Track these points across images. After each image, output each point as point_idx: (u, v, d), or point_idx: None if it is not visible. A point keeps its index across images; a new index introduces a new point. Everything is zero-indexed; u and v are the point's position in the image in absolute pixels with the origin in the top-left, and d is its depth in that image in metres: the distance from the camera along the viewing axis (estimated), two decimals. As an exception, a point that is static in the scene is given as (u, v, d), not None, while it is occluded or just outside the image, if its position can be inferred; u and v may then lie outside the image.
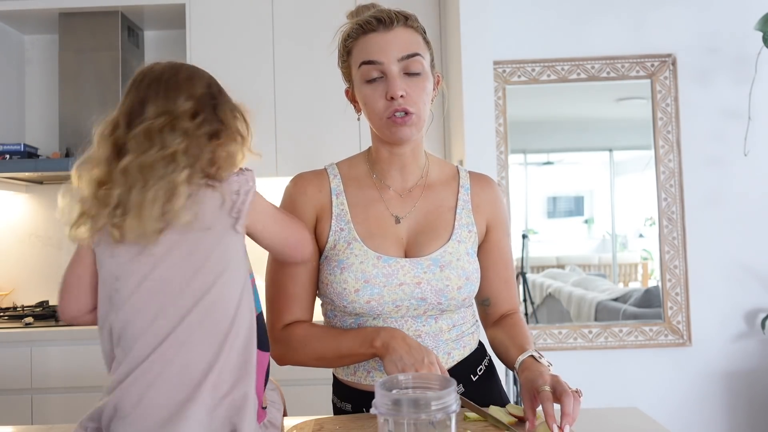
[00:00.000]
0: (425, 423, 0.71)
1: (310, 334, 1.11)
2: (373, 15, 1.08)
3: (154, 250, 0.87)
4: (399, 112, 1.06)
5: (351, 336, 1.06)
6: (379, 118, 1.08)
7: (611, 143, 2.88)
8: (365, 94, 1.08)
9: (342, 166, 1.20)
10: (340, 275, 1.08)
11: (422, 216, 1.14)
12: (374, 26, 1.07)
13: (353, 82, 1.12)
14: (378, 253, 1.09)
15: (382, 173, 1.17)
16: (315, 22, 2.58)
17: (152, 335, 0.85)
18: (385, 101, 1.06)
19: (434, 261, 1.09)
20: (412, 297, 1.08)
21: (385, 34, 1.06)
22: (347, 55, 1.11)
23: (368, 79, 1.07)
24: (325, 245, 1.13)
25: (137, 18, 2.80)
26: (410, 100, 1.06)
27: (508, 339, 1.12)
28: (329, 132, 2.58)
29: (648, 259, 2.87)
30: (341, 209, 1.14)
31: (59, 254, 2.85)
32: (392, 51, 1.05)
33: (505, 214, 1.22)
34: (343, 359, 1.08)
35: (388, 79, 1.06)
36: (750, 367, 2.72)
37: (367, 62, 1.06)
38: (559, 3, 2.77)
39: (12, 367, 2.29)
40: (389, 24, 1.06)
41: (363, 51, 1.08)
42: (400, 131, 1.07)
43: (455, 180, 1.20)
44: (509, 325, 1.16)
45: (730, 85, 2.74)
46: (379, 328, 1.06)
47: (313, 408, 1.31)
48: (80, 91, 2.65)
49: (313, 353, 1.10)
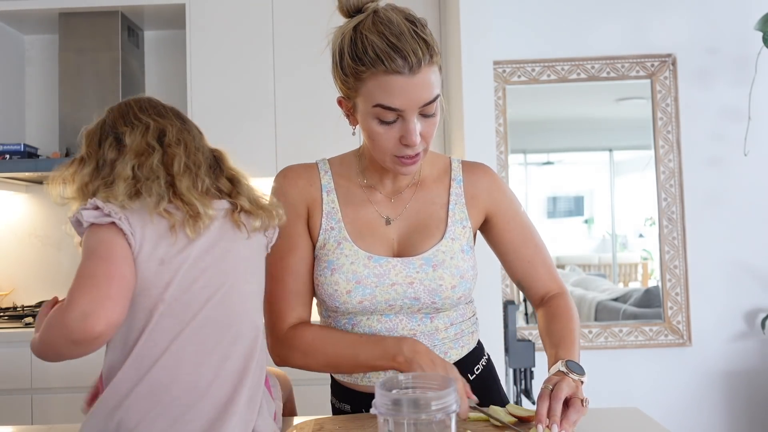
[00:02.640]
0: (425, 423, 0.71)
1: (322, 339, 1.06)
2: (398, 52, 0.93)
3: None
4: (410, 156, 1.01)
5: (370, 346, 1.02)
6: (386, 155, 1.02)
7: (611, 143, 2.88)
8: (375, 131, 1.00)
9: (333, 163, 1.17)
10: (330, 276, 1.05)
11: (414, 216, 1.12)
12: (399, 68, 0.93)
13: (356, 105, 1.02)
14: (369, 252, 1.07)
15: (372, 179, 1.14)
16: (315, 22, 2.57)
17: None
18: (397, 143, 0.99)
19: (427, 260, 1.07)
20: (405, 297, 1.06)
21: (410, 79, 0.94)
22: (355, 79, 0.97)
23: (383, 120, 0.98)
24: (315, 243, 1.11)
25: (137, 18, 2.80)
26: (423, 141, 1.00)
27: (546, 334, 1.09)
28: (329, 132, 2.56)
29: (648, 259, 2.87)
30: (332, 207, 1.11)
31: (59, 254, 2.85)
32: (416, 99, 0.95)
33: (507, 198, 1.18)
34: (359, 368, 1.04)
35: (405, 124, 0.97)
36: (750, 367, 2.72)
37: (387, 107, 0.96)
38: (559, 3, 2.77)
39: (12, 367, 2.29)
40: (416, 67, 0.94)
41: (381, 91, 0.95)
42: (407, 169, 1.03)
43: (447, 174, 1.16)
44: (548, 315, 1.12)
45: (730, 85, 2.74)
46: (400, 339, 1.02)
47: (313, 408, 1.31)
48: (80, 92, 2.65)
49: (324, 360, 1.06)
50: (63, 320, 0.76)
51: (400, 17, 0.96)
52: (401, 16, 0.97)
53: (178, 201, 0.89)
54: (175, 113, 1.02)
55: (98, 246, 0.82)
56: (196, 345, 0.87)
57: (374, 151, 1.04)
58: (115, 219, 0.83)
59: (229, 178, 1.01)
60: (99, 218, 0.84)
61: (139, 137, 0.92)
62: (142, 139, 0.92)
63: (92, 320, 0.74)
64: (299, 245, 1.11)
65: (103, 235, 0.83)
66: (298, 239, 1.11)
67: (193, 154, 0.96)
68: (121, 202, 0.86)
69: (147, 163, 0.91)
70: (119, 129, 0.95)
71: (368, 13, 0.98)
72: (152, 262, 0.85)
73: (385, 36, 0.94)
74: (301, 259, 1.11)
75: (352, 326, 1.10)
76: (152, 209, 0.87)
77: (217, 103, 2.58)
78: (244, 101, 2.59)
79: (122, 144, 0.93)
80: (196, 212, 0.89)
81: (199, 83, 2.59)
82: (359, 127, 1.05)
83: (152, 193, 0.88)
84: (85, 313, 0.74)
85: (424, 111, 0.98)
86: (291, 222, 1.09)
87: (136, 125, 0.95)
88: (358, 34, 0.96)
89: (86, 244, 0.83)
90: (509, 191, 1.20)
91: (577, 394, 0.93)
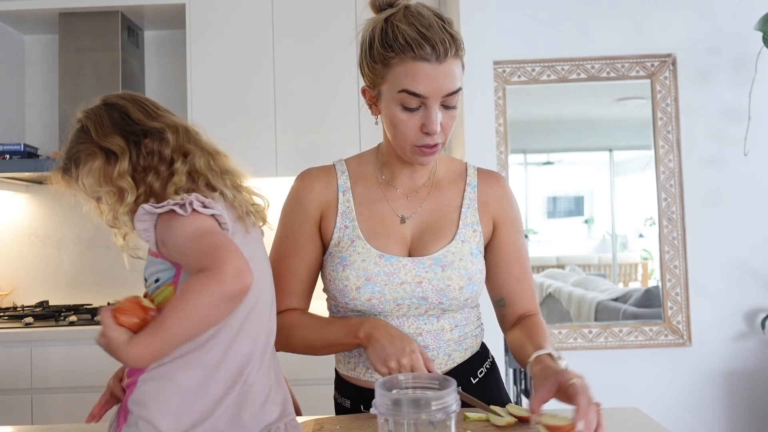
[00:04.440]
0: (425, 423, 0.71)
1: (299, 322, 1.12)
2: (427, 41, 0.98)
3: None
4: (429, 145, 1.04)
5: (338, 326, 1.09)
6: (406, 143, 1.05)
7: (611, 143, 2.88)
8: (398, 118, 1.03)
9: (351, 163, 1.20)
10: (342, 272, 1.08)
11: (427, 215, 1.14)
12: (427, 55, 0.98)
13: (381, 92, 1.06)
14: (381, 251, 1.09)
15: (391, 175, 1.16)
16: (315, 21, 2.58)
17: None
18: (418, 131, 1.03)
19: (436, 261, 1.09)
20: (413, 296, 1.08)
21: (436, 67, 0.99)
22: (383, 65, 1.02)
23: (407, 106, 1.01)
24: (329, 241, 1.14)
25: (137, 18, 2.80)
26: (443, 132, 1.04)
27: (526, 338, 1.09)
28: (329, 132, 2.57)
29: (648, 259, 2.87)
30: (347, 206, 1.14)
31: (59, 254, 2.85)
32: (440, 87, 1.00)
33: (513, 212, 1.20)
34: (330, 348, 1.11)
35: (428, 112, 1.01)
36: (750, 367, 2.72)
37: (412, 93, 1.00)
38: (559, 3, 2.77)
39: (12, 367, 2.29)
40: (443, 57, 0.99)
41: (408, 77, 1.00)
42: (425, 159, 1.07)
43: (462, 178, 1.19)
44: (528, 326, 1.12)
45: (730, 85, 2.74)
46: (364, 318, 1.07)
47: (313, 407, 1.31)
48: (80, 91, 2.65)
49: (301, 341, 1.12)
50: (218, 278, 0.78)
51: (431, 12, 1.02)
52: (431, 12, 1.03)
53: (238, 195, 0.97)
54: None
55: (211, 226, 0.87)
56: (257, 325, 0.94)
57: (395, 140, 1.07)
58: (215, 213, 0.88)
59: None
60: (202, 209, 0.87)
61: (173, 134, 0.95)
62: (178, 137, 0.96)
63: (246, 274, 0.79)
64: (304, 248, 1.14)
65: (209, 222, 0.87)
66: (303, 242, 1.14)
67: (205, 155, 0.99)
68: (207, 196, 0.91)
69: (197, 161, 0.95)
70: (149, 125, 0.95)
71: (400, 7, 1.03)
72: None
73: (415, 26, 0.99)
74: (301, 261, 1.14)
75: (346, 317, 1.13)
76: (226, 203, 0.94)
77: (217, 103, 2.58)
78: (244, 101, 2.59)
79: (165, 140, 0.94)
80: (249, 209, 0.96)
81: (199, 83, 2.59)
82: (381, 117, 1.09)
83: (219, 188, 0.94)
84: (239, 269, 0.79)
85: (446, 102, 1.01)
86: (300, 224, 1.14)
87: (165, 122, 0.97)
88: (389, 24, 1.02)
89: (194, 226, 0.85)
90: (517, 208, 1.21)
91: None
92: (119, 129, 0.95)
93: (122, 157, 0.92)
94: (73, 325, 2.36)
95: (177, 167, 0.93)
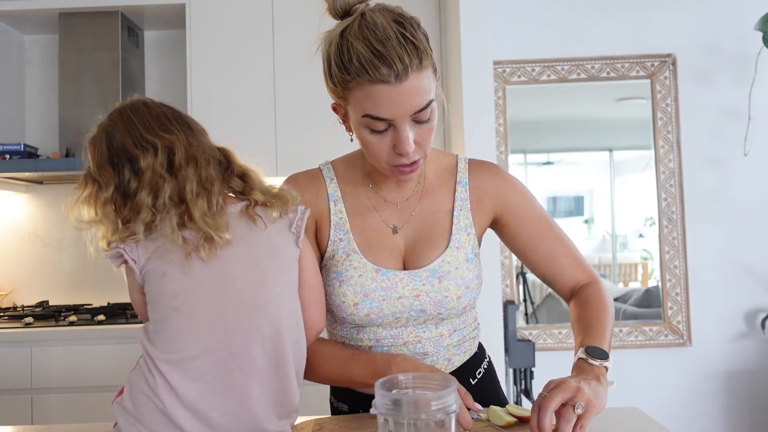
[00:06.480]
0: (425, 423, 0.71)
1: (318, 353, 1.07)
2: (383, 60, 0.89)
3: None
4: (406, 165, 0.98)
5: (361, 364, 1.03)
6: (382, 164, 1.00)
7: (611, 143, 2.88)
8: (368, 140, 0.97)
9: (338, 167, 1.15)
10: (338, 288, 1.05)
11: (420, 224, 1.10)
12: (384, 77, 0.89)
13: (348, 113, 0.99)
14: (376, 265, 1.06)
15: (377, 185, 1.11)
16: (315, 21, 2.57)
17: None
18: (391, 152, 0.97)
19: (432, 272, 1.05)
20: (411, 309, 1.05)
21: (398, 87, 0.89)
22: (342, 88, 0.95)
23: (374, 129, 0.95)
24: (323, 254, 1.10)
25: (137, 18, 2.80)
26: (419, 148, 0.97)
27: (576, 323, 1.05)
28: (329, 132, 2.56)
29: (648, 259, 2.87)
30: (340, 218, 1.10)
31: (59, 254, 2.85)
32: (405, 107, 0.91)
33: (516, 192, 1.13)
34: (354, 386, 1.06)
35: (397, 133, 0.94)
36: (750, 367, 2.72)
37: (375, 117, 0.93)
38: (559, 3, 2.77)
39: (12, 367, 2.29)
40: (403, 75, 0.89)
41: (368, 101, 0.92)
42: (405, 177, 1.01)
43: (453, 176, 1.13)
44: (578, 304, 1.08)
45: (730, 85, 2.74)
46: (389, 357, 1.01)
47: (313, 408, 1.31)
48: (80, 91, 2.65)
49: (321, 374, 1.07)
50: None
51: (388, 19, 0.92)
52: (389, 18, 0.92)
53: (194, 226, 0.92)
54: (177, 117, 1.01)
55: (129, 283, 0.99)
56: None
57: (370, 160, 1.02)
58: (135, 267, 0.94)
59: (239, 176, 1.01)
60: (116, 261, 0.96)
61: (151, 162, 0.94)
62: (153, 168, 0.94)
63: None
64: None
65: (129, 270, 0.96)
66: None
67: (204, 169, 0.96)
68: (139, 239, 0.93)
69: (161, 195, 0.93)
70: (131, 152, 0.95)
71: (356, 16, 0.94)
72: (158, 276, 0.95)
73: (369, 43, 0.89)
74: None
75: (357, 331, 1.09)
76: (169, 240, 0.92)
77: (217, 103, 2.58)
78: (244, 101, 2.59)
79: (139, 170, 0.94)
80: (210, 237, 0.92)
81: (199, 83, 2.59)
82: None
83: (166, 229, 0.91)
84: None
85: (416, 118, 0.94)
86: None
87: (146, 149, 0.95)
88: (344, 40, 0.93)
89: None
90: (519, 185, 1.15)
91: (574, 399, 0.84)
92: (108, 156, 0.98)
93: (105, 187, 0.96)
94: (73, 325, 2.36)
95: (141, 199, 0.93)
